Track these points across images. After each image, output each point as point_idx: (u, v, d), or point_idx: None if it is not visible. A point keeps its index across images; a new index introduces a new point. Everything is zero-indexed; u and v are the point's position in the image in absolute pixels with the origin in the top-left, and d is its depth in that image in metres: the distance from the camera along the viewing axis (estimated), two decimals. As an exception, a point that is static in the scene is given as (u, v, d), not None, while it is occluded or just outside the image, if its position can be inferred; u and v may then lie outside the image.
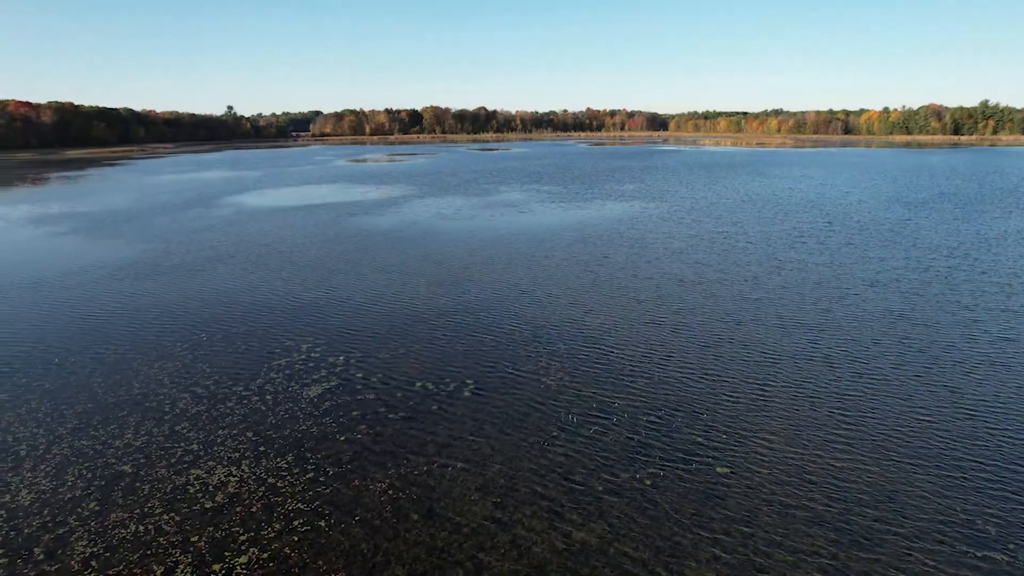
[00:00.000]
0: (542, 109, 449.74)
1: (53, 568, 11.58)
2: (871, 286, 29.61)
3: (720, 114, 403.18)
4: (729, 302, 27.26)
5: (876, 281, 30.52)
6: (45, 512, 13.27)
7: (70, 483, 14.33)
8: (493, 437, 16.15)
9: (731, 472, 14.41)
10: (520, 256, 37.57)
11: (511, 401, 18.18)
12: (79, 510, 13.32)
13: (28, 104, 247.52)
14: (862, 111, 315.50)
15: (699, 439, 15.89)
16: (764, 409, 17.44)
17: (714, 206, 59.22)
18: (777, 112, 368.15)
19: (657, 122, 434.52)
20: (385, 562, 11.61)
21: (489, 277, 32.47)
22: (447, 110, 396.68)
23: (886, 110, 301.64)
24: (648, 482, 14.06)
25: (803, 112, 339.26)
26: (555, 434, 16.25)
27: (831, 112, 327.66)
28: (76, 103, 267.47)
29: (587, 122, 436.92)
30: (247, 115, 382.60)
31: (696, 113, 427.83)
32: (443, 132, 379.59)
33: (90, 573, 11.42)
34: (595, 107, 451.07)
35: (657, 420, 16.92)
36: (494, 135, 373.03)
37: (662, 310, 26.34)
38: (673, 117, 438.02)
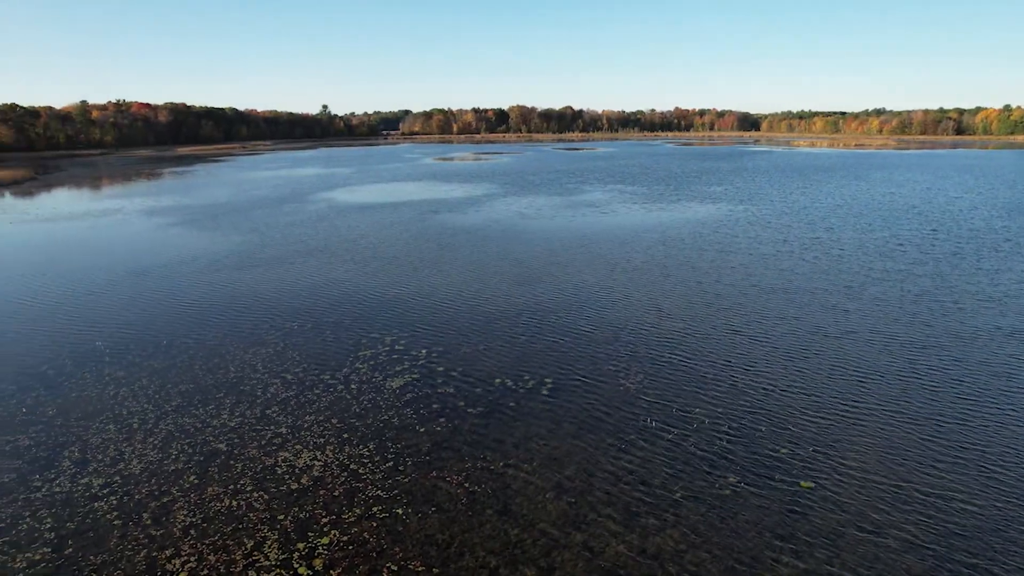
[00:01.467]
0: (629, 108, 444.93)
1: (158, 533, 12.48)
2: (981, 301, 27.55)
3: (816, 114, 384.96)
4: (819, 313, 26.05)
5: (987, 296, 28.37)
6: (152, 481, 14.31)
7: (173, 456, 15.38)
8: (570, 437, 16.13)
9: (816, 487, 13.80)
10: (601, 257, 37.29)
11: (589, 402, 18.10)
12: (180, 482, 14.28)
13: (148, 105, 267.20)
14: (978, 109, 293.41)
15: (782, 451, 15.30)
16: (854, 426, 16.58)
17: (806, 211, 56.71)
18: (879, 112, 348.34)
19: (748, 122, 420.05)
20: (459, 553, 11.82)
21: (569, 277, 32.40)
22: (533, 109, 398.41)
23: (1007, 108, 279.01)
24: (727, 492, 13.67)
25: (909, 111, 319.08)
26: (632, 438, 16.06)
27: (941, 111, 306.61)
28: (188, 104, 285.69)
29: (675, 122, 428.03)
30: (340, 114, 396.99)
31: (790, 113, 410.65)
32: (529, 131, 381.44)
33: (189, 540, 12.23)
34: (684, 106, 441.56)
35: (738, 429, 16.42)
36: (580, 134, 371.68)
37: (746, 318, 25.50)
38: (765, 117, 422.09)
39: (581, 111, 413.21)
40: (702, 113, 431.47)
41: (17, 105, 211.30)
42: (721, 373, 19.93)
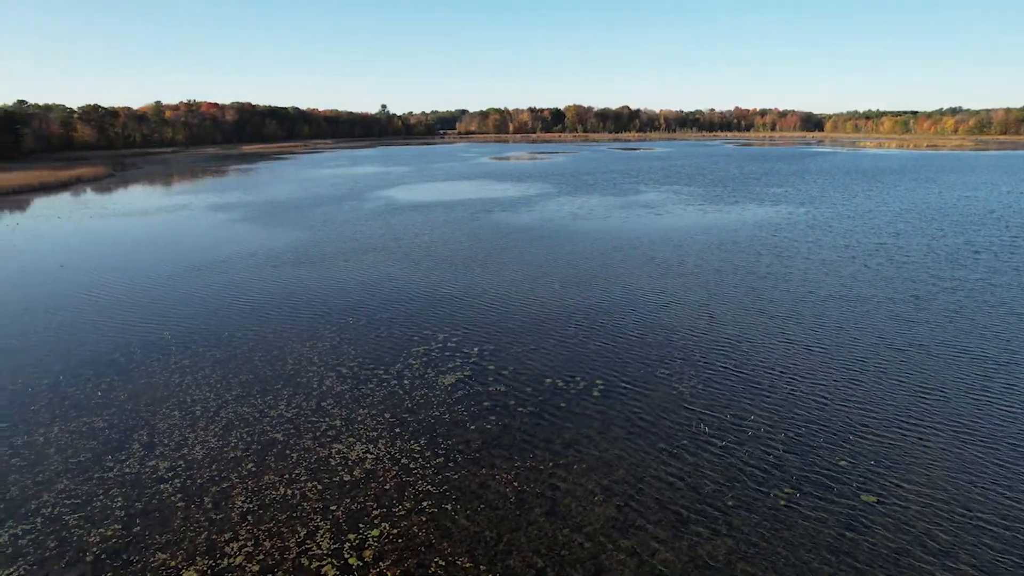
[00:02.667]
0: (687, 108, 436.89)
1: (218, 516, 12.95)
2: (1063, 310, 25.98)
3: (884, 113, 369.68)
4: (883, 323, 25.03)
5: (1069, 305, 26.73)
6: (213, 467, 14.86)
7: (233, 444, 15.93)
8: (620, 440, 15.97)
9: (879, 502, 13.26)
10: (654, 259, 36.78)
11: (641, 405, 17.88)
12: (239, 469, 14.78)
13: (216, 105, 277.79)
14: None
15: (842, 462, 14.77)
16: (921, 442, 15.87)
17: (871, 214, 54.56)
18: (954, 111, 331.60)
19: (812, 122, 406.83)
20: (507, 551, 11.86)
21: (622, 279, 32.09)
22: (589, 109, 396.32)
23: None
24: (783, 502, 13.28)
25: (988, 110, 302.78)
26: (684, 443, 15.78)
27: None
28: (253, 103, 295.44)
29: (735, 122, 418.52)
30: (399, 113, 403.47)
31: (856, 113, 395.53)
32: (585, 131, 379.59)
33: (246, 525, 12.65)
34: (744, 106, 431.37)
35: (795, 438, 15.93)
36: (636, 134, 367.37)
37: (804, 326, 24.72)
38: (830, 117, 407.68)
39: (638, 111, 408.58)
40: (763, 113, 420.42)
41: (99, 106, 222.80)
42: (777, 381, 19.38)
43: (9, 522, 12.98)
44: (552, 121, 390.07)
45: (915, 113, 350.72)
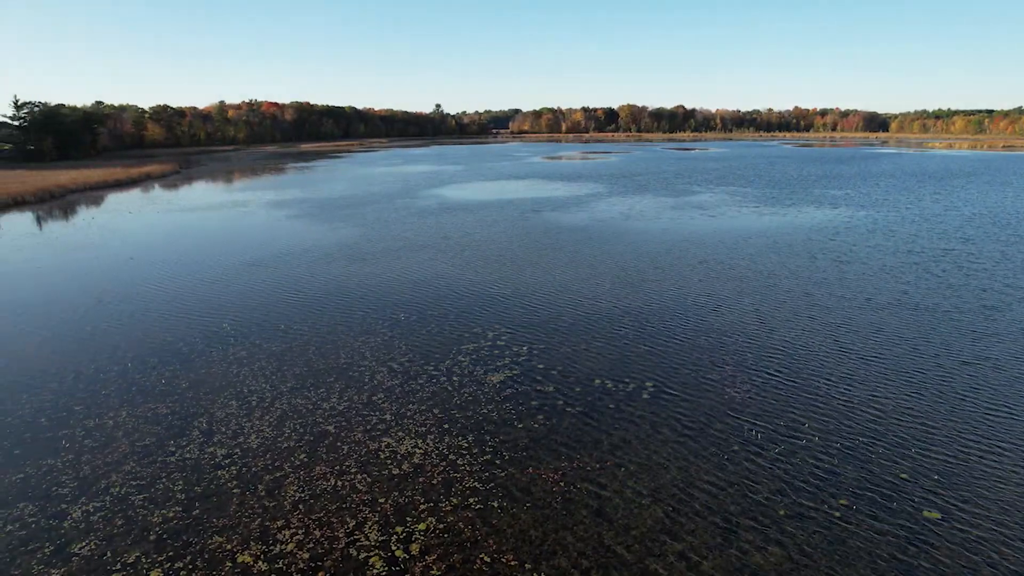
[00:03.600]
0: (744, 108, 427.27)
1: (271, 505, 13.34)
2: None
3: (956, 112, 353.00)
4: (948, 333, 23.94)
5: None
6: (267, 456, 15.31)
7: (286, 434, 16.37)
8: (670, 443, 15.75)
9: (942, 519, 12.70)
10: (706, 261, 36.10)
11: (691, 409, 17.58)
12: (292, 459, 15.18)
13: (276, 104, 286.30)
14: None
15: (903, 475, 14.20)
16: (991, 458, 15.12)
17: (938, 218, 52.25)
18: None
19: (876, 122, 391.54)
20: (552, 551, 11.84)
21: (673, 281, 31.61)
22: (644, 108, 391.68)
23: None
24: (838, 514, 12.86)
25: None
26: (736, 448, 15.45)
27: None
28: (311, 102, 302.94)
29: (793, 122, 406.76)
30: (452, 113, 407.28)
31: (925, 112, 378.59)
32: (638, 131, 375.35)
33: (297, 514, 12.98)
34: (804, 105, 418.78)
35: (851, 449, 15.40)
36: (691, 134, 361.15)
37: (862, 333, 23.86)
38: (895, 117, 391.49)
39: (693, 110, 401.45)
40: (824, 113, 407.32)
41: (168, 106, 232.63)
42: (832, 390, 18.76)
43: (82, 499, 13.67)
44: (605, 121, 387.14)
45: (990, 112, 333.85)
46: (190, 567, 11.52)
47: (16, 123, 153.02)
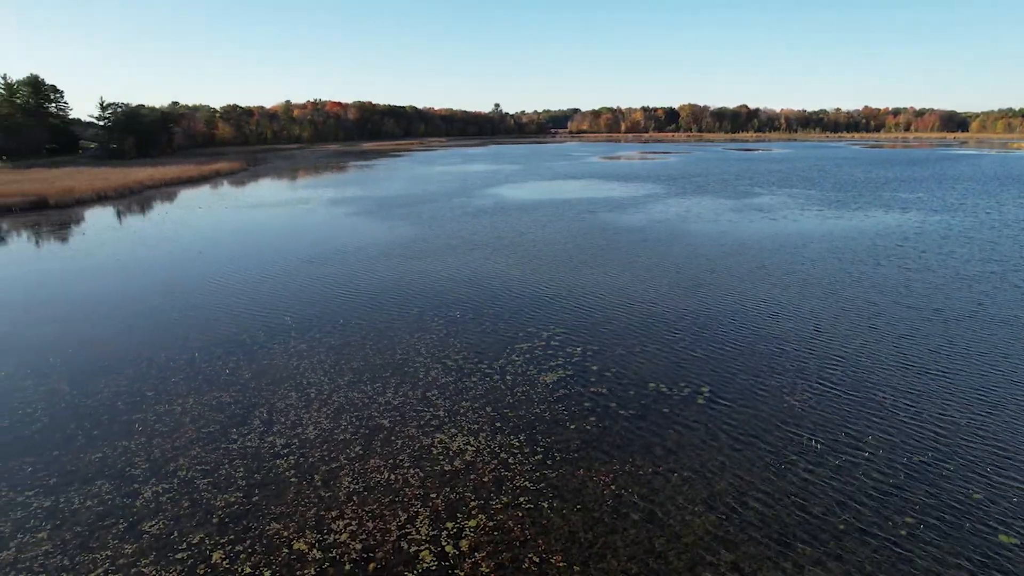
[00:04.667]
0: (811, 107, 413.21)
1: (326, 495, 13.70)
2: None
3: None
4: (1034, 339, 22.61)
5: None
6: (324, 447, 15.73)
7: (343, 427, 16.77)
8: (725, 450, 15.40)
9: (1020, 545, 12.01)
10: (766, 266, 35.11)
11: (748, 416, 17.16)
12: (347, 451, 15.54)
13: (339, 104, 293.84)
14: None
15: (976, 495, 13.49)
16: (1073, 474, 14.21)
17: (1020, 224, 49.35)
18: None
19: (954, 122, 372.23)
20: (601, 554, 11.75)
21: (731, 284, 30.89)
22: (705, 108, 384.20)
23: None
24: (902, 532, 12.32)
25: None
26: (794, 459, 14.99)
27: None
28: (373, 102, 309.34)
29: (863, 122, 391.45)
30: (511, 112, 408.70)
31: (1010, 111, 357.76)
32: (699, 131, 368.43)
33: (351, 505, 13.28)
34: (874, 105, 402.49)
35: (920, 465, 14.72)
36: (754, 134, 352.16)
37: (930, 345, 22.74)
38: (976, 116, 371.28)
39: (757, 110, 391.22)
40: (896, 112, 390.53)
41: (237, 106, 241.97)
42: (899, 402, 17.97)
43: (152, 480, 14.36)
44: (666, 120, 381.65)
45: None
46: (249, 551, 11.94)
47: (101, 123, 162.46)
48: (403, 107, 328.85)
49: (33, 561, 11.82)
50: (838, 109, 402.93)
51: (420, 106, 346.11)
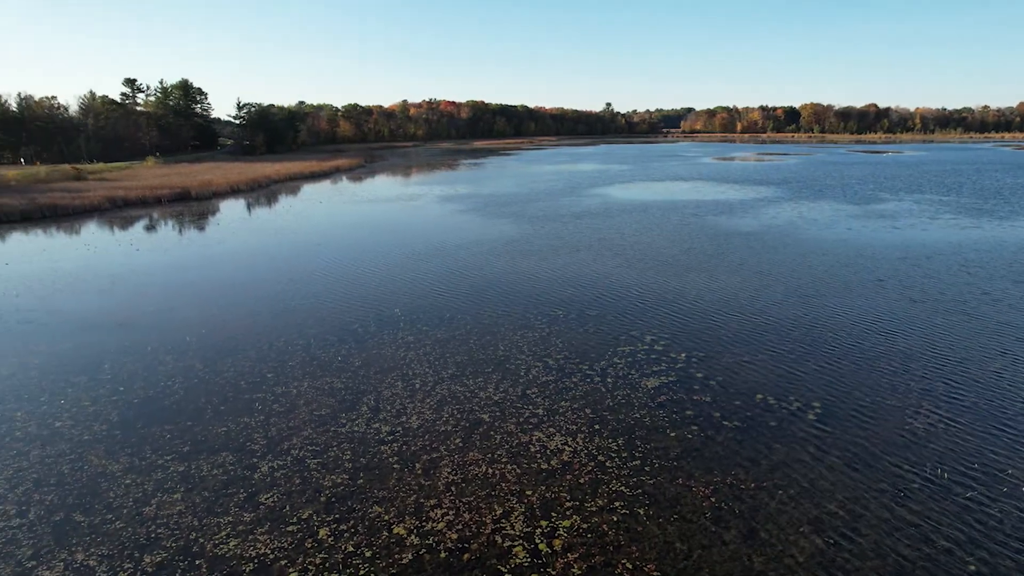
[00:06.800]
0: (951, 105, 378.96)
1: (426, 484, 14.16)
2: None
3: None
4: None
5: None
6: (426, 437, 16.25)
7: (444, 418, 17.25)
8: (836, 470, 14.51)
9: None
10: (890, 277, 32.60)
11: (864, 436, 16.07)
12: (447, 442, 15.97)
13: (453, 103, 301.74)
14: None
15: None
16: None
17: None
18: None
19: None
20: (696, 568, 11.42)
21: (849, 295, 28.97)
22: (829, 107, 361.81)
23: None
24: (1043, 578, 11.12)
25: None
26: (915, 486, 13.89)
27: None
28: (485, 101, 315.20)
29: (1016, 120, 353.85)
30: (622, 111, 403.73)
31: None
32: (822, 131, 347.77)
33: (449, 496, 13.65)
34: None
35: (1069, 504, 13.20)
36: (883, 135, 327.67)
37: (1099, 366, 20.29)
38: None
39: (887, 109, 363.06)
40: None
41: (358, 105, 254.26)
42: (1050, 431, 16.19)
43: (268, 456, 15.41)
44: (785, 120, 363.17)
45: None
46: (352, 531, 12.56)
47: (237, 121, 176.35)
48: (514, 106, 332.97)
49: (169, 519, 13.02)
50: (985, 107, 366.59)
51: (531, 105, 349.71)
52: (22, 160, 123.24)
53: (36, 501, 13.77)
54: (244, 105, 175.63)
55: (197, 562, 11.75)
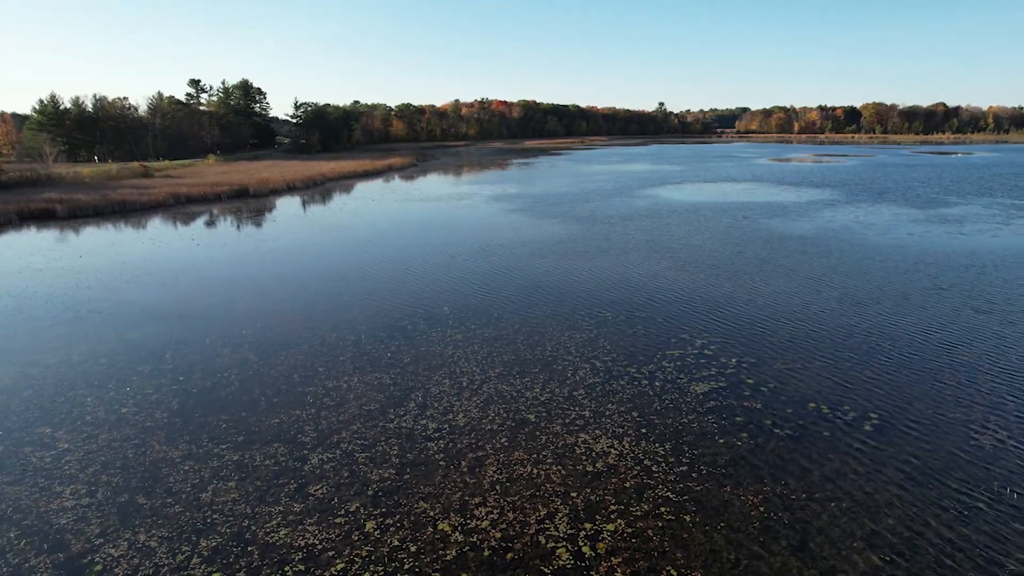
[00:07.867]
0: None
1: (471, 481, 14.27)
2: None
3: None
4: None
5: None
6: (472, 435, 16.38)
7: (490, 417, 17.35)
8: (893, 484, 14.01)
9: None
10: (955, 285, 31.18)
11: (924, 449, 15.46)
12: (493, 441, 16.06)
13: (504, 103, 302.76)
14: None
15: None
16: None
17: None
18: None
19: None
20: (745, 578, 11.19)
21: (910, 303, 27.85)
22: (893, 107, 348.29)
23: None
24: (1118, 607, 10.49)
25: None
26: (980, 505, 13.28)
27: None
28: (537, 101, 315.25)
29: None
30: (675, 111, 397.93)
31: None
32: (884, 132, 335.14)
33: (494, 494, 13.72)
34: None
35: None
36: (951, 136, 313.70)
37: None
38: None
39: (957, 108, 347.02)
40: None
41: (410, 104, 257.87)
42: None
43: (319, 448, 15.80)
44: (845, 120, 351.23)
45: None
46: (398, 525, 12.76)
47: (294, 120, 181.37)
48: (566, 106, 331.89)
49: (224, 506, 13.49)
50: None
51: (583, 105, 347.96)
52: (96, 158, 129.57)
53: (103, 482, 14.46)
54: (301, 104, 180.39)
55: (249, 548, 12.14)
